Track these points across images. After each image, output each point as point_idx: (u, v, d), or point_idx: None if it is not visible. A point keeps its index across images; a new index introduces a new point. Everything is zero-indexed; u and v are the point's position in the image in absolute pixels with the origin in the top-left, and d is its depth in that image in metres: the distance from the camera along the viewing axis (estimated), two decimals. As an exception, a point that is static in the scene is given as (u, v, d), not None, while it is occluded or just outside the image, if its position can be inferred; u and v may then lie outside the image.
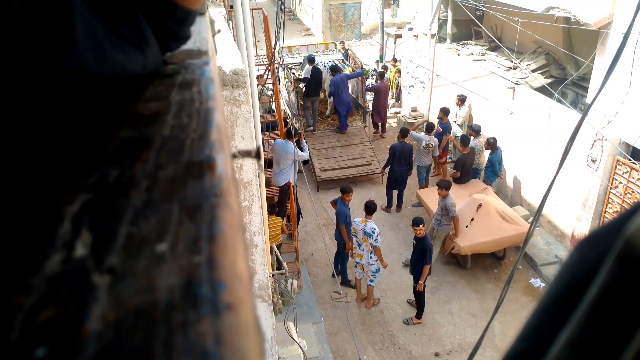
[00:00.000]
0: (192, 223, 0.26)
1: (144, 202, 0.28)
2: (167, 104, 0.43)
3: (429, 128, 9.38)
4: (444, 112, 9.81)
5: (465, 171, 8.78)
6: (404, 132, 9.26)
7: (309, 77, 10.94)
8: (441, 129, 9.74)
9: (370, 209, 6.83)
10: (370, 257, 6.95)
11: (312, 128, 11.40)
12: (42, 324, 0.20)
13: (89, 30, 0.38)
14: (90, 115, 0.39)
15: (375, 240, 6.75)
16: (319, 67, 11.07)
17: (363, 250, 6.98)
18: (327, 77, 11.19)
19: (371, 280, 7.19)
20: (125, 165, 0.32)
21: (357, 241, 7.02)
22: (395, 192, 9.55)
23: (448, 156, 10.35)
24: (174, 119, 0.40)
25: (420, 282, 6.75)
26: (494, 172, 8.87)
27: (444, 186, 7.36)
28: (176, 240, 0.25)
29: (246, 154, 0.53)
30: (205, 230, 0.26)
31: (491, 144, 8.71)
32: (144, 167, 0.32)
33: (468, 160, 8.74)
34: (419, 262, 6.72)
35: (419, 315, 7.15)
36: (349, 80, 11.40)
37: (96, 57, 0.39)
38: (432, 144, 9.24)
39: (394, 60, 14.04)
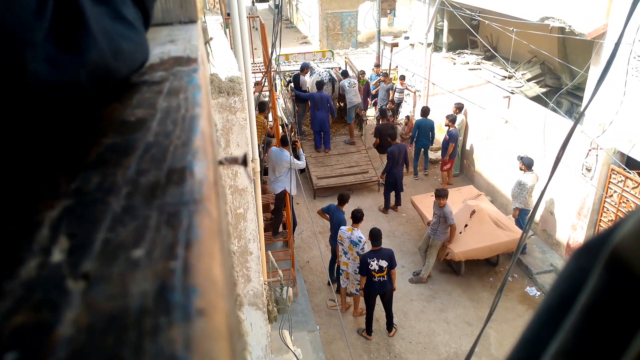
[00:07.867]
0: (170, 229, 0.26)
1: (123, 208, 0.28)
2: (153, 111, 0.43)
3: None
4: (451, 119, 9.84)
5: (384, 140, 9.92)
6: (392, 136, 9.58)
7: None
8: (448, 136, 9.81)
9: (357, 217, 6.81)
10: (358, 267, 6.88)
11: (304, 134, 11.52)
12: (14, 328, 0.20)
13: (98, 18, 0.36)
14: (74, 122, 0.39)
15: (361, 249, 6.70)
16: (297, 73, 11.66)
17: (349, 259, 6.93)
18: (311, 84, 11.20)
19: (356, 290, 7.11)
20: (107, 172, 0.32)
21: (343, 249, 6.96)
22: (392, 193, 9.72)
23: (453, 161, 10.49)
24: (158, 125, 0.40)
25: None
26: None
27: (441, 195, 7.36)
28: (153, 246, 0.25)
29: (233, 160, 0.53)
30: (182, 236, 0.26)
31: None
32: (125, 174, 0.32)
33: (383, 130, 10.27)
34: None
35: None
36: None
37: (110, 48, 0.37)
38: (354, 83, 11.30)
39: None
